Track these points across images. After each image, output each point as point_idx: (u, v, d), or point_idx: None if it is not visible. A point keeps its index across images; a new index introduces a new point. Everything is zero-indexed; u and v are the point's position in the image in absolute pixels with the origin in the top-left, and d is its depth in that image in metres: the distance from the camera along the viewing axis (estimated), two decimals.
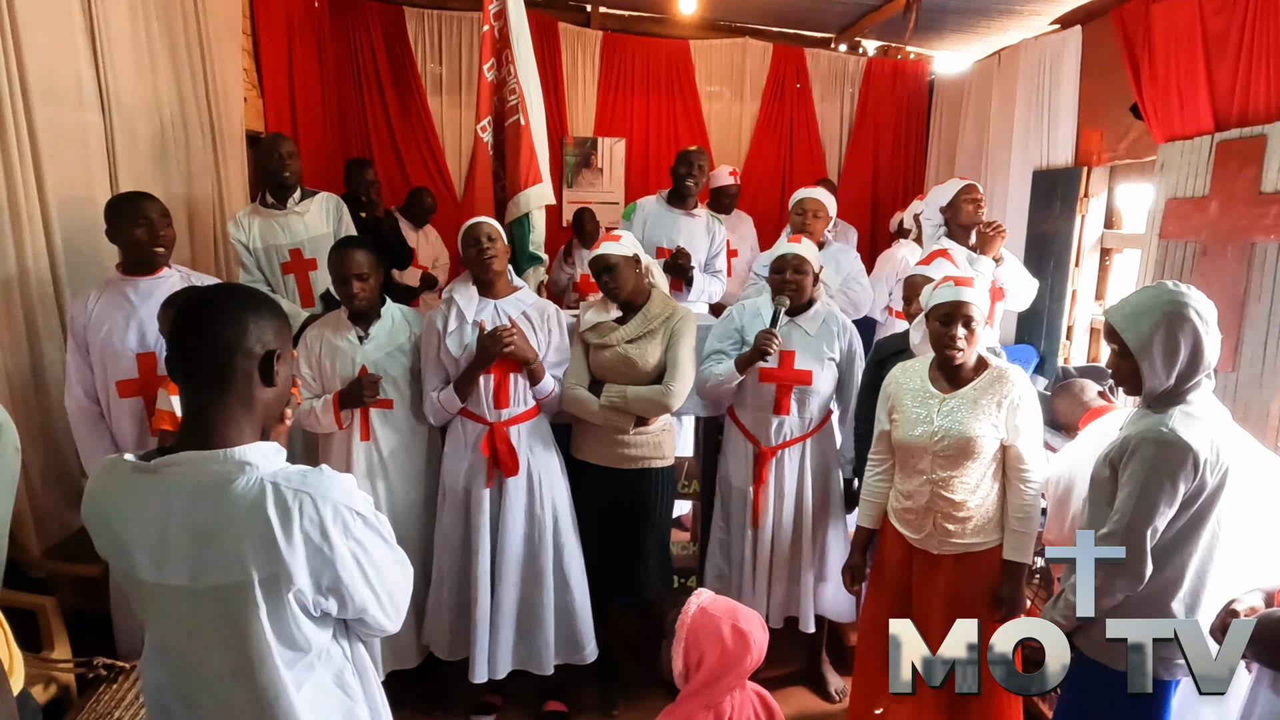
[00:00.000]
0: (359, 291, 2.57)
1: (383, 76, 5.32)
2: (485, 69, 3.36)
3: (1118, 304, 1.87)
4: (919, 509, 2.32)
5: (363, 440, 2.67)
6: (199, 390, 1.25)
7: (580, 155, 5.77)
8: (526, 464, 2.69)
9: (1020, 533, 2.26)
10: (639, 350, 2.67)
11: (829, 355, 2.79)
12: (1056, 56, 4.47)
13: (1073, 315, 4.41)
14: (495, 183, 3.46)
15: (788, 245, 2.78)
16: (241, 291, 1.32)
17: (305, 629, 1.25)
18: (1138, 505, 1.75)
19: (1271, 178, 3.02)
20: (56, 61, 2.82)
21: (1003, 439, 2.24)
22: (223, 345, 1.23)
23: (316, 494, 1.21)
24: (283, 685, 1.24)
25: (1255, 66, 3.13)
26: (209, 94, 3.71)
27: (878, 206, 6.10)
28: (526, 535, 2.71)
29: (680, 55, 5.79)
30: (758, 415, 2.83)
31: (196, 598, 1.21)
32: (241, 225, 3.37)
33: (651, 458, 2.78)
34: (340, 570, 1.23)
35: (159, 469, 1.22)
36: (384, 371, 2.65)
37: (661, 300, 2.75)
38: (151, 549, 1.22)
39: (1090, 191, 4.29)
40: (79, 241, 2.91)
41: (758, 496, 2.83)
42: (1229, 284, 3.14)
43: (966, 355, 2.24)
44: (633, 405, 2.66)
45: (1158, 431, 1.75)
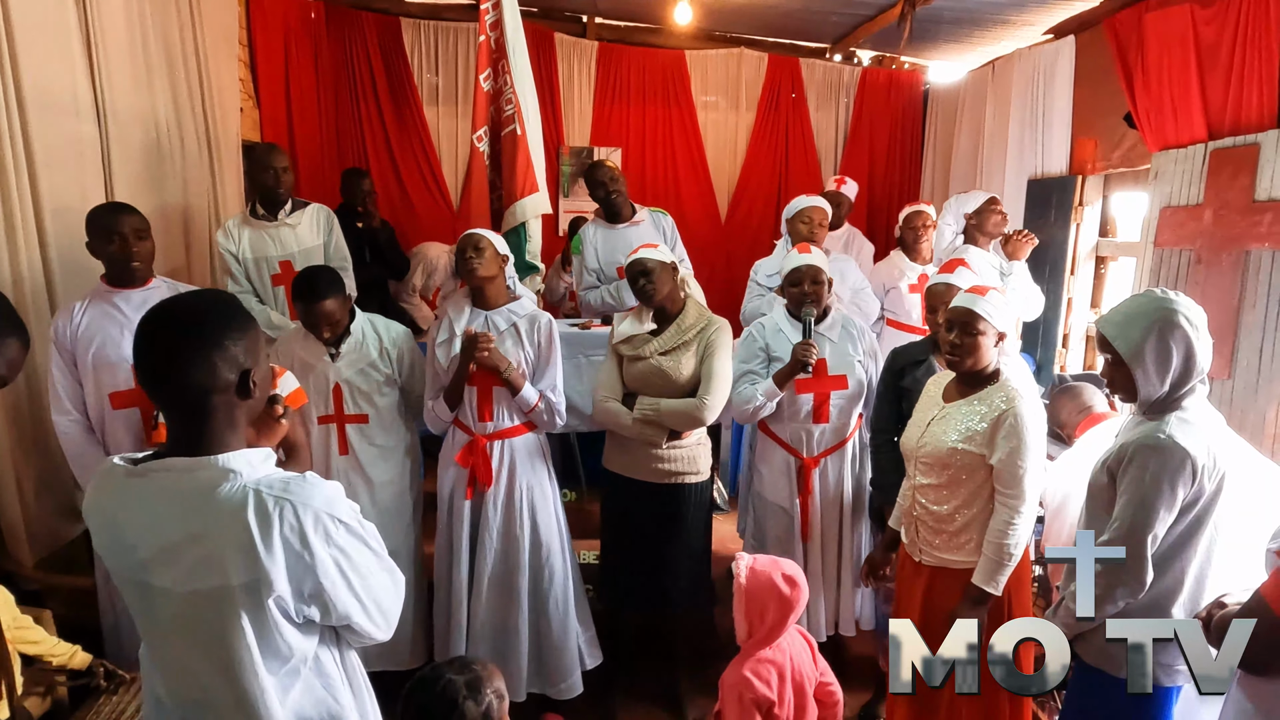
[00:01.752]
0: (328, 335, 2.63)
1: (379, 87, 5.33)
2: (481, 79, 3.37)
3: (1109, 313, 1.88)
4: (905, 512, 2.34)
5: (341, 454, 2.70)
6: (181, 418, 1.26)
7: (576, 165, 5.78)
8: (507, 480, 2.68)
9: (988, 558, 2.11)
10: (673, 362, 2.65)
11: (856, 357, 2.80)
12: (1050, 66, 4.49)
13: (1068, 323, 4.42)
14: (491, 192, 3.47)
15: (800, 257, 2.77)
16: (205, 320, 1.24)
17: (288, 636, 1.25)
18: (1137, 512, 1.74)
19: (1265, 185, 3.03)
20: (52, 71, 2.82)
21: (982, 455, 2.12)
22: (197, 390, 1.22)
23: (298, 501, 1.21)
24: (265, 691, 1.24)
25: (1248, 75, 3.15)
26: (205, 104, 3.71)
27: (872, 216, 6.12)
28: (500, 553, 2.69)
29: (676, 65, 5.81)
30: (795, 426, 2.80)
31: (180, 601, 1.22)
32: (231, 235, 3.32)
33: (685, 473, 2.74)
34: (321, 578, 1.23)
35: (147, 473, 1.23)
36: (356, 386, 2.68)
37: (696, 311, 2.73)
38: (141, 550, 1.23)
39: (1085, 200, 4.31)
40: (73, 252, 2.90)
41: (806, 509, 2.81)
42: (1224, 292, 3.15)
43: (973, 363, 2.16)
44: (665, 418, 2.64)
45: (1155, 438, 1.74)
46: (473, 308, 2.68)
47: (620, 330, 2.73)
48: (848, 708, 2.94)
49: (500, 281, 2.70)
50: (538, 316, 2.70)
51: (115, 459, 1.29)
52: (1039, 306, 3.56)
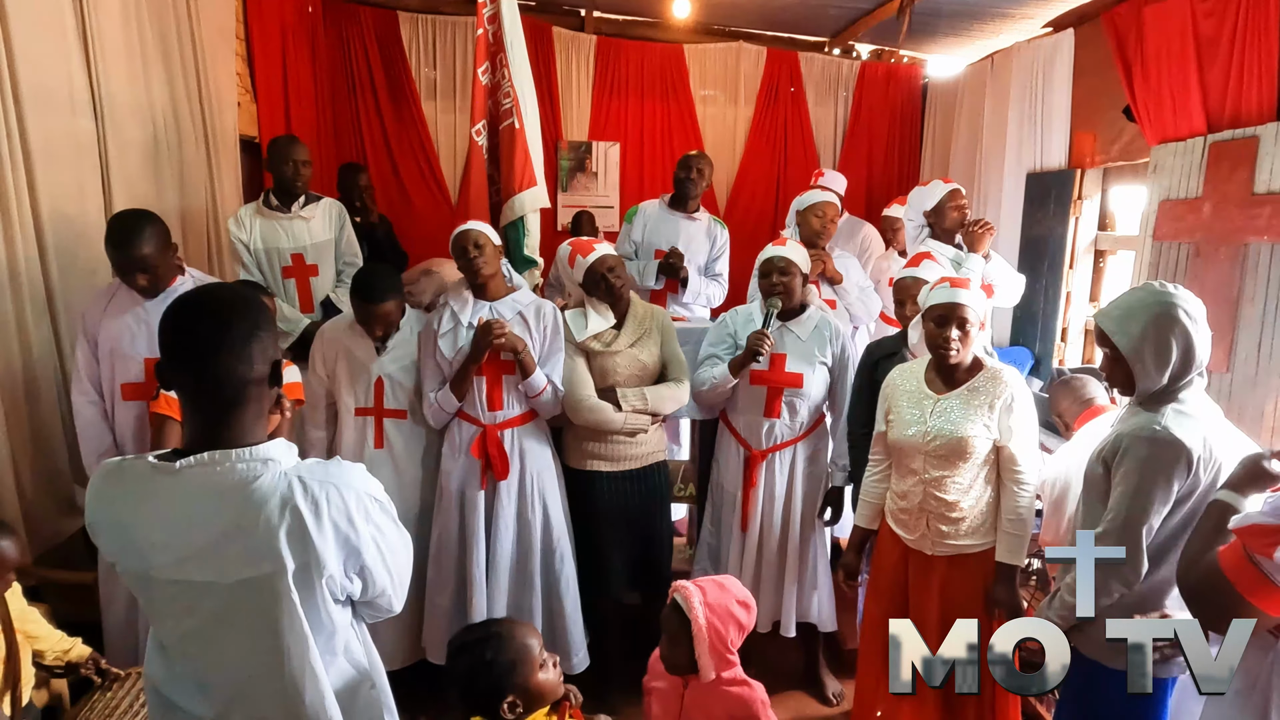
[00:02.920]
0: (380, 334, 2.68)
1: (377, 81, 5.31)
2: (480, 72, 3.36)
3: (1107, 307, 1.88)
4: (913, 509, 2.33)
5: (376, 448, 2.72)
6: (210, 409, 1.27)
7: (575, 159, 5.77)
8: (519, 467, 2.71)
9: (1012, 535, 2.24)
10: (646, 353, 2.77)
11: (820, 359, 2.80)
12: (1049, 59, 4.48)
13: (1067, 317, 4.42)
14: (490, 186, 3.46)
15: (773, 248, 2.80)
16: (245, 311, 1.27)
17: (333, 613, 1.33)
18: (1132, 503, 1.75)
19: (1264, 179, 3.02)
20: (49, 66, 2.81)
21: (995, 440, 2.23)
22: (237, 381, 1.25)
23: (341, 484, 1.28)
24: (312, 668, 1.29)
25: (1247, 68, 3.14)
26: (202, 99, 3.70)
27: (871, 210, 6.10)
28: (518, 538, 2.74)
29: (674, 59, 5.79)
30: (749, 418, 2.85)
31: (224, 592, 1.25)
32: (243, 224, 3.34)
33: (657, 451, 2.87)
34: (364, 554, 1.31)
35: (183, 469, 1.24)
36: (398, 382, 2.72)
37: (640, 302, 2.86)
38: (174, 548, 1.24)
39: (1084, 194, 4.29)
40: (71, 247, 2.90)
41: (747, 500, 2.84)
42: (1222, 285, 3.15)
43: (962, 356, 2.24)
44: (654, 405, 2.73)
45: (1151, 430, 1.74)
46: (476, 300, 2.69)
47: (590, 328, 2.75)
48: (847, 699, 2.97)
49: (500, 274, 2.72)
50: (542, 305, 2.74)
51: (130, 458, 1.30)
52: (1018, 292, 3.49)
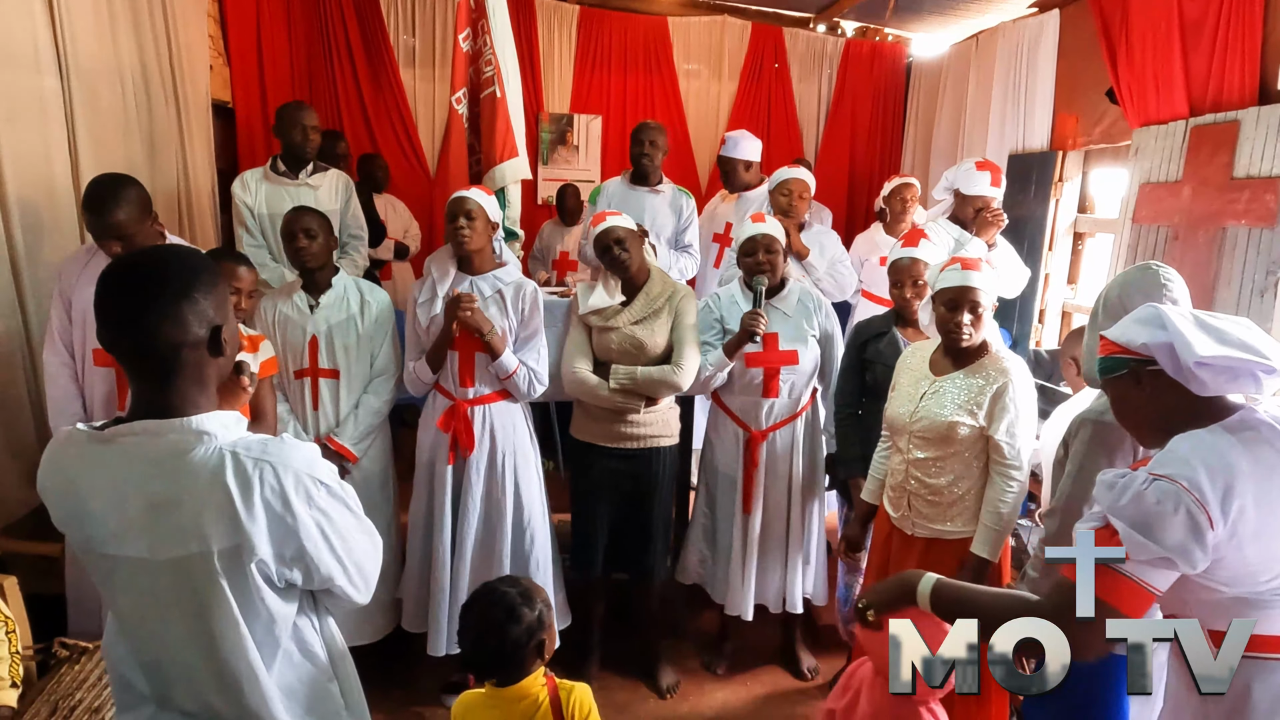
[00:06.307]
0: (305, 246, 2.58)
1: (354, 47, 5.18)
2: (460, 39, 3.28)
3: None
4: (897, 486, 2.33)
5: (313, 410, 2.67)
6: (147, 377, 1.20)
7: (556, 132, 5.69)
8: (489, 445, 2.67)
9: (990, 528, 2.17)
10: (646, 331, 2.68)
11: (810, 333, 2.79)
12: (1034, 40, 4.47)
13: (1045, 299, 4.45)
14: (470, 156, 3.39)
15: (754, 226, 2.75)
16: (174, 271, 1.18)
17: (269, 601, 1.22)
18: (1075, 484, 1.78)
19: (1244, 163, 3.05)
20: (11, 23, 2.71)
21: (982, 428, 2.17)
22: (165, 344, 1.16)
23: (277, 462, 1.17)
24: (246, 657, 1.21)
25: (1230, 53, 3.16)
26: (172, 60, 3.60)
27: (854, 188, 6.10)
28: (484, 516, 2.70)
29: (658, 32, 5.72)
30: (746, 400, 2.81)
31: (155, 570, 1.17)
32: (249, 188, 3.28)
33: (660, 435, 2.77)
34: (304, 540, 1.20)
35: (114, 438, 1.18)
36: (333, 340, 2.65)
37: (661, 279, 2.76)
38: (109, 520, 1.17)
39: (1065, 176, 4.31)
40: (37, 209, 2.81)
41: (750, 481, 2.81)
42: (1199, 268, 3.18)
43: (973, 340, 2.19)
44: (643, 386, 2.66)
45: (1098, 412, 1.77)
46: (458, 272, 2.64)
47: (591, 302, 2.71)
48: (822, 674, 2.99)
49: (488, 247, 2.67)
50: (523, 284, 2.67)
51: (77, 427, 1.23)
52: (1020, 285, 3.51)
